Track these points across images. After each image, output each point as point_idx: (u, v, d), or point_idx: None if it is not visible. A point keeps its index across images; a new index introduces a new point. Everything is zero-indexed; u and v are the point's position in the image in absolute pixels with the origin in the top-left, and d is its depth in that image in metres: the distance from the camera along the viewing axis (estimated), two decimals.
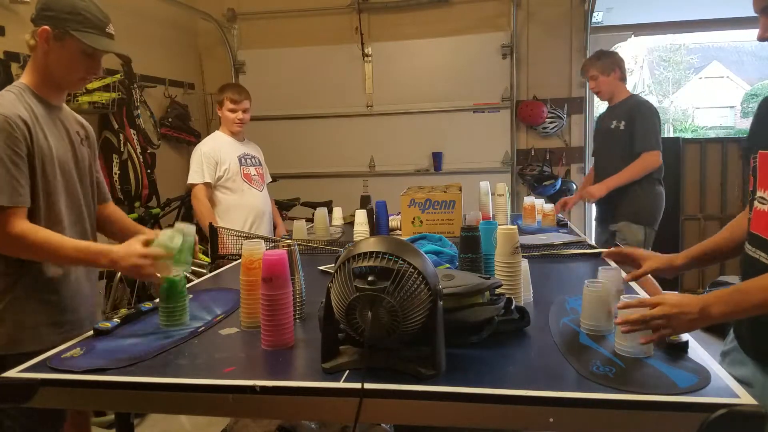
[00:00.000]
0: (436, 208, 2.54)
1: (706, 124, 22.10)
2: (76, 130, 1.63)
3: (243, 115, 2.98)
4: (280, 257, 1.26)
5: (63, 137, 1.56)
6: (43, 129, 1.48)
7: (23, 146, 1.41)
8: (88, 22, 1.47)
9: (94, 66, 1.54)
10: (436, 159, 4.73)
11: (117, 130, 3.70)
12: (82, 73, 1.54)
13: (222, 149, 2.95)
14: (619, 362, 1.09)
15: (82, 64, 1.51)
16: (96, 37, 1.48)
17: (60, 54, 1.47)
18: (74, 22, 1.45)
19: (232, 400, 1.06)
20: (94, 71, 1.56)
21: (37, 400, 1.12)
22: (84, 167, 1.63)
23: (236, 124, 2.98)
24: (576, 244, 2.24)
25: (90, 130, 1.74)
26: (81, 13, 1.46)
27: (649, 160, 2.95)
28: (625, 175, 3.03)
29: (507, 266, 1.47)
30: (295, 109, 4.85)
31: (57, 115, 1.56)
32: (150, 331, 1.41)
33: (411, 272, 1.03)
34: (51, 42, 1.46)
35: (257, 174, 3.06)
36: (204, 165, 2.90)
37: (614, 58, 3.06)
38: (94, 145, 1.75)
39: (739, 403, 0.92)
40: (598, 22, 4.92)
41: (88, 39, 1.46)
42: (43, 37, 1.45)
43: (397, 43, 4.72)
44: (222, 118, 3.01)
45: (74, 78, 1.54)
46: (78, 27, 1.45)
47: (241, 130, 3.04)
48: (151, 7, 4.26)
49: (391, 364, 1.09)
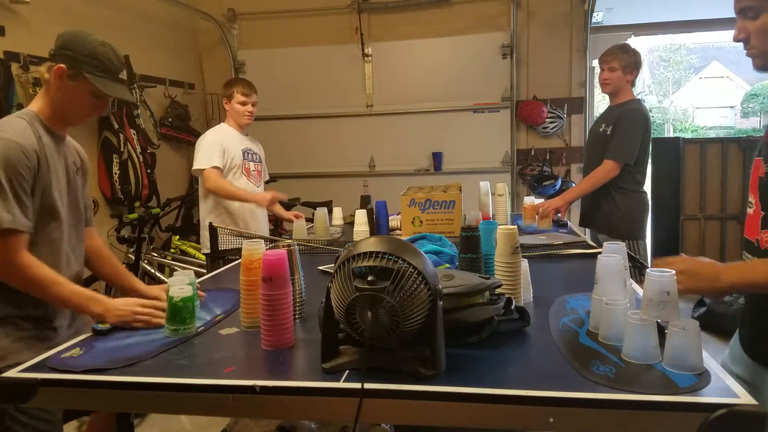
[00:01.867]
0: (436, 208, 2.54)
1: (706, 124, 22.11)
2: (73, 161, 1.67)
3: (252, 108, 2.99)
4: (280, 257, 1.26)
5: (61, 168, 1.59)
6: (48, 161, 1.52)
7: (31, 176, 1.46)
8: (103, 66, 1.52)
9: (101, 106, 1.61)
10: (436, 159, 4.74)
11: (117, 130, 3.70)
12: (89, 111, 1.60)
13: (228, 140, 2.93)
14: (619, 362, 1.09)
15: (91, 104, 1.57)
16: (108, 82, 1.53)
17: (72, 92, 1.53)
18: (90, 65, 1.50)
19: (232, 400, 1.06)
20: (100, 111, 1.63)
21: (37, 400, 1.12)
22: (76, 197, 1.67)
23: (246, 116, 2.97)
24: (576, 244, 2.24)
25: (85, 158, 1.77)
26: (98, 58, 1.51)
27: (604, 169, 2.85)
28: (580, 187, 3.01)
29: (507, 266, 1.47)
30: (295, 109, 4.86)
31: (60, 146, 1.61)
32: (150, 331, 1.41)
33: (411, 272, 1.03)
34: (65, 80, 1.51)
35: (256, 170, 3.06)
36: (212, 150, 2.86)
37: (638, 60, 2.94)
38: (87, 172, 1.78)
39: (739, 403, 0.92)
40: (598, 22, 4.92)
41: (99, 83, 1.51)
42: (58, 74, 1.50)
43: (397, 43, 4.73)
44: (230, 111, 2.99)
45: (81, 115, 1.61)
46: (92, 71, 1.50)
47: (250, 124, 3.04)
48: (151, 7, 4.26)
49: (391, 364, 1.09)
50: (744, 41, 1.19)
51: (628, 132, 2.83)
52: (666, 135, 20.24)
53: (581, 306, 1.46)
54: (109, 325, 1.42)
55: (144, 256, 3.55)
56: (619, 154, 2.83)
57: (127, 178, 3.72)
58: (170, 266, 3.74)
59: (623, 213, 2.89)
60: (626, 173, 2.86)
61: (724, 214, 4.71)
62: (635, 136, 2.83)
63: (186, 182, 4.84)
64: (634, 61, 2.93)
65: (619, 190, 2.89)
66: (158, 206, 3.89)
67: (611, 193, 2.91)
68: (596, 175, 2.90)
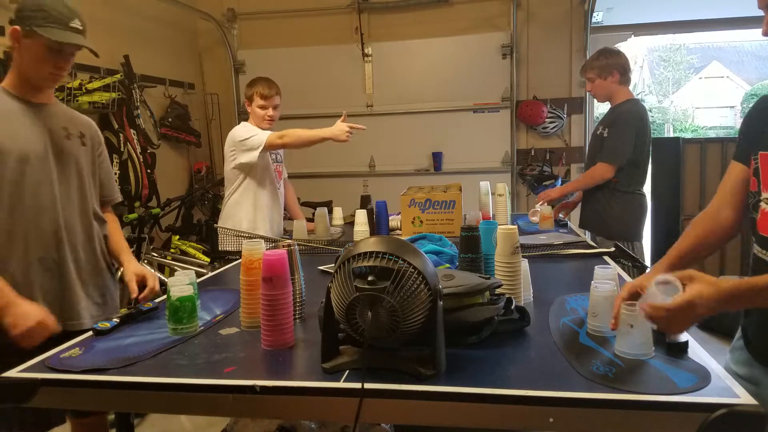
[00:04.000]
0: (436, 208, 2.54)
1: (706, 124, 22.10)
2: (63, 125, 1.65)
3: (273, 112, 2.79)
4: (280, 257, 1.26)
5: (37, 131, 1.57)
6: (4, 123, 1.50)
7: None
8: (50, 17, 1.50)
9: (61, 61, 1.57)
10: (436, 159, 4.74)
11: (117, 130, 3.70)
12: (50, 69, 1.56)
13: None
14: (619, 362, 1.09)
15: (49, 59, 1.54)
16: (58, 31, 1.51)
17: (29, 51, 1.52)
18: (38, 18, 1.49)
19: (232, 400, 1.06)
20: (62, 66, 1.58)
21: (36, 400, 1.12)
22: (69, 161, 1.64)
23: (266, 121, 2.79)
24: (576, 244, 2.24)
25: (93, 130, 1.75)
26: (44, 9, 1.50)
27: (598, 171, 2.85)
28: (575, 183, 3.10)
29: (507, 266, 1.47)
30: (295, 109, 4.85)
31: (38, 112, 1.59)
32: (149, 331, 1.41)
33: (411, 272, 1.03)
34: (21, 40, 1.51)
35: (277, 171, 2.93)
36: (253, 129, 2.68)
37: (613, 60, 2.89)
38: (97, 144, 1.76)
39: (739, 403, 0.92)
40: (598, 22, 4.92)
41: (49, 33, 1.49)
42: (15, 36, 1.51)
43: (397, 43, 4.73)
44: (251, 114, 2.81)
45: (44, 74, 1.57)
46: (41, 23, 1.49)
47: (271, 128, 2.80)
48: (151, 7, 4.26)
49: (391, 364, 1.09)
50: None
51: (620, 134, 2.81)
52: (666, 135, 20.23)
53: (581, 306, 1.46)
54: (109, 324, 1.41)
55: (144, 256, 3.56)
56: (610, 157, 2.83)
57: (127, 178, 3.72)
58: (170, 266, 3.74)
59: (617, 215, 2.88)
60: (622, 175, 2.85)
61: None
62: (626, 137, 2.80)
63: (186, 182, 4.84)
64: (607, 63, 2.87)
65: (614, 192, 2.88)
66: (158, 206, 3.89)
67: (606, 195, 2.91)
68: (589, 176, 2.93)
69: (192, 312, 1.38)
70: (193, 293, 1.39)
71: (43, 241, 1.57)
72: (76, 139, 1.68)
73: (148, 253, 3.63)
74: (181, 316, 1.36)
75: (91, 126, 1.75)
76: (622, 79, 2.90)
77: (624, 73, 2.90)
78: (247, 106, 2.85)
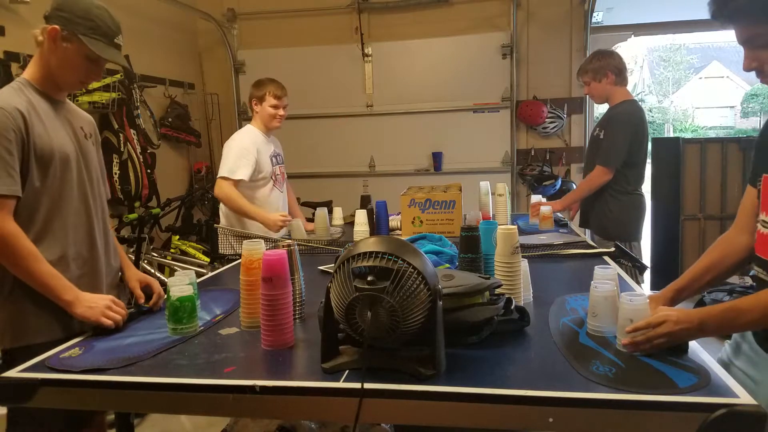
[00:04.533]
0: (436, 208, 2.54)
1: (706, 124, 22.11)
2: (81, 126, 1.64)
3: (283, 111, 2.85)
4: (280, 257, 1.26)
5: (67, 131, 1.56)
6: (43, 122, 1.48)
7: (18, 137, 1.41)
8: (98, 29, 1.48)
9: (95, 71, 1.56)
10: (436, 159, 4.73)
11: (117, 130, 3.70)
12: (82, 77, 1.55)
13: (260, 150, 2.79)
14: (619, 362, 1.09)
15: (84, 67, 1.52)
16: (103, 45, 1.49)
17: (65, 55, 1.49)
18: (85, 27, 1.46)
19: (232, 399, 1.06)
20: (94, 76, 1.58)
21: (36, 400, 1.12)
22: (91, 162, 1.64)
23: (277, 120, 2.83)
24: (576, 244, 2.24)
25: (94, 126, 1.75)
26: (93, 19, 1.47)
27: (595, 175, 2.86)
28: (575, 193, 3.09)
29: (507, 266, 1.47)
30: (295, 109, 4.81)
31: (60, 110, 1.57)
32: (150, 330, 1.41)
33: (411, 272, 1.03)
34: (58, 42, 1.47)
35: (280, 173, 2.95)
36: (242, 159, 2.71)
37: (605, 62, 2.87)
38: (99, 143, 1.76)
39: (739, 403, 0.92)
40: (598, 22, 4.92)
41: (94, 46, 1.47)
42: (52, 35, 1.47)
43: (397, 43, 4.72)
44: (259, 113, 2.83)
45: (74, 80, 1.56)
46: (87, 32, 1.47)
47: (279, 128, 2.89)
48: (151, 7, 4.26)
49: (390, 364, 1.09)
50: (757, 70, 1.14)
51: (615, 135, 2.81)
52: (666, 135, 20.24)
53: (581, 306, 1.46)
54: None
55: (144, 256, 3.55)
56: (606, 159, 2.83)
57: (127, 178, 3.72)
58: (170, 266, 3.74)
59: (615, 215, 2.88)
60: (619, 175, 2.85)
61: (724, 214, 4.71)
62: (621, 139, 2.80)
63: (186, 182, 4.84)
64: (600, 65, 2.87)
65: (612, 192, 2.88)
66: (158, 206, 3.89)
67: (604, 195, 2.91)
68: (588, 181, 2.93)
69: (192, 312, 1.38)
70: (193, 293, 1.39)
71: (79, 242, 1.57)
72: (90, 139, 1.68)
73: (148, 253, 3.63)
74: (181, 316, 1.36)
75: (93, 123, 1.75)
76: (618, 79, 2.88)
77: (619, 74, 2.88)
78: (255, 106, 2.85)
